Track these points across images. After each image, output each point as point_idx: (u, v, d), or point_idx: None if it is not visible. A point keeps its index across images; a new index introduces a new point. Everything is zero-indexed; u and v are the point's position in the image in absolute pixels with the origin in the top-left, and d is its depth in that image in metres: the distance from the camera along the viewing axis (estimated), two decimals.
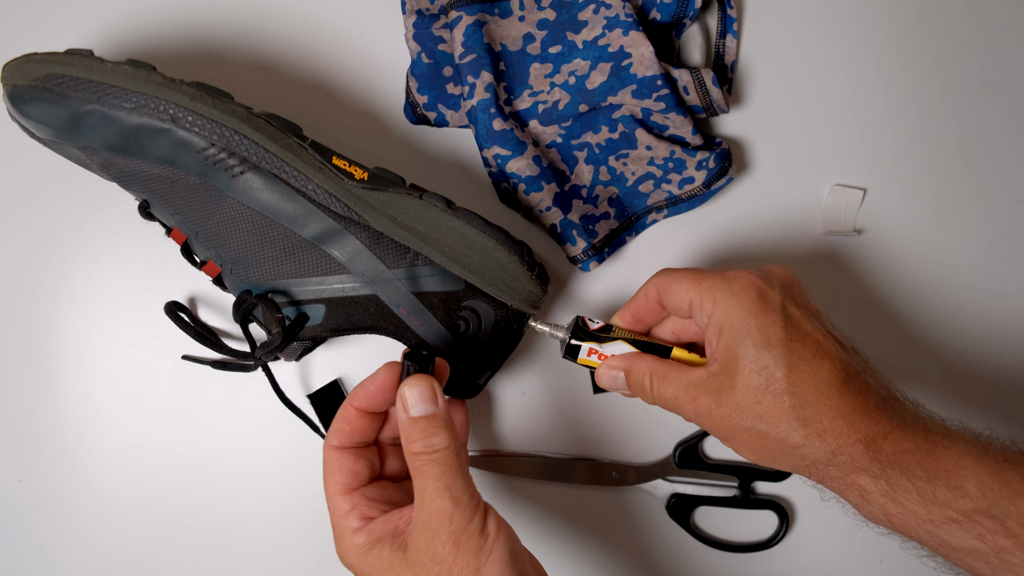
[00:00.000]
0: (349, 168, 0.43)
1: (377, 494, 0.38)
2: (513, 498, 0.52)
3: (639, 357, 0.42)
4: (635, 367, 0.41)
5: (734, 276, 0.39)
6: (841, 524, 0.52)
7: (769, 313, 0.37)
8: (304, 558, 0.52)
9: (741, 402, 0.37)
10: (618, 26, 0.46)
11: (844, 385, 0.37)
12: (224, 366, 0.49)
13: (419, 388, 0.37)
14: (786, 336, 0.37)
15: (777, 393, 0.37)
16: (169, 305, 0.47)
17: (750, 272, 0.39)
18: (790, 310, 0.38)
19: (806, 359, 0.37)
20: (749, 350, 0.37)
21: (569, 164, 0.49)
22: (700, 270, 0.40)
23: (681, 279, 0.40)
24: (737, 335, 0.37)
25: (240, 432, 0.51)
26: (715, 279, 0.39)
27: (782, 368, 0.37)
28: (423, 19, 0.48)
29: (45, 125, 0.42)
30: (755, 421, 0.37)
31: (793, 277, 0.41)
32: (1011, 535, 0.34)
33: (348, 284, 0.43)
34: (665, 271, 0.42)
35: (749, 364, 0.37)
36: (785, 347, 0.37)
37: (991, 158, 0.53)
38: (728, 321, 0.38)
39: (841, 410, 0.36)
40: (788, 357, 0.37)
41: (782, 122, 0.52)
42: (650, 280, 0.42)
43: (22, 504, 0.51)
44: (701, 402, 0.38)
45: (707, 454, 0.52)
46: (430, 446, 0.35)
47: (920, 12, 0.52)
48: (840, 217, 0.52)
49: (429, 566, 0.34)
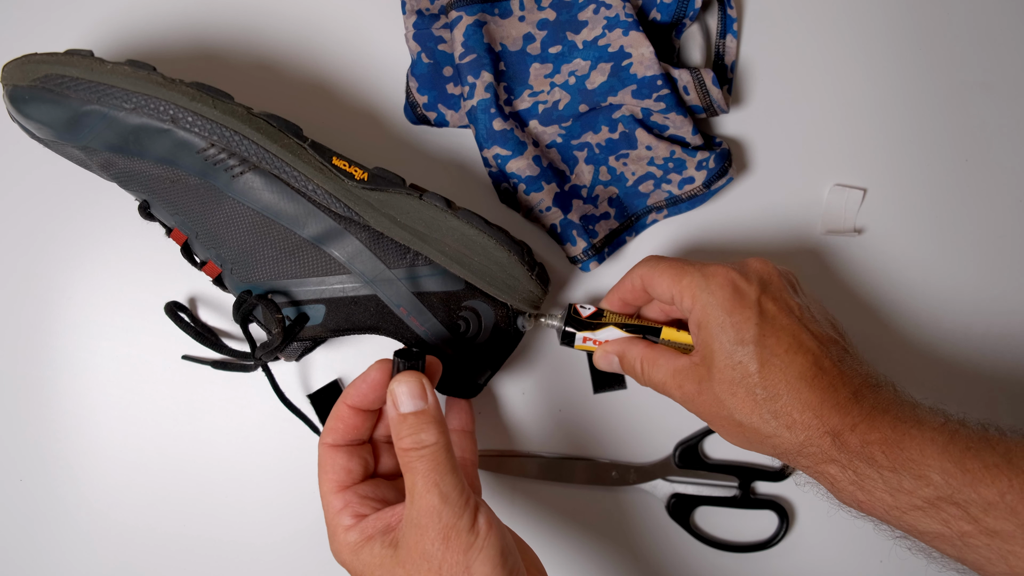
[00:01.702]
0: (349, 168, 0.43)
1: (370, 492, 0.39)
2: (513, 498, 0.52)
3: (632, 342, 0.44)
4: (628, 352, 0.44)
5: (712, 273, 0.40)
6: (841, 524, 0.52)
7: (744, 310, 0.39)
8: (304, 558, 0.52)
9: (719, 393, 0.39)
10: (618, 26, 0.46)
11: (815, 379, 0.38)
12: (224, 366, 0.49)
13: (408, 384, 0.37)
14: (759, 332, 0.39)
15: (750, 387, 0.39)
16: (169, 305, 0.47)
17: (728, 267, 0.41)
18: (766, 306, 0.40)
19: (778, 354, 0.39)
20: (724, 346, 0.39)
21: (569, 164, 0.49)
22: (681, 264, 0.42)
23: (663, 273, 0.42)
24: (713, 332, 0.39)
25: (240, 432, 0.51)
26: (693, 276, 0.40)
27: (755, 363, 0.38)
28: (423, 19, 0.48)
29: (45, 125, 0.42)
30: (731, 411, 0.39)
31: (772, 271, 0.42)
32: (973, 520, 0.35)
33: (348, 284, 0.43)
34: (649, 260, 0.43)
35: (724, 359, 0.39)
36: (758, 343, 0.39)
37: (991, 158, 0.53)
38: (705, 318, 0.40)
39: (810, 403, 0.38)
40: (761, 353, 0.38)
41: (782, 122, 0.52)
42: (635, 268, 0.44)
43: (22, 504, 0.51)
44: (685, 389, 0.41)
45: (707, 454, 0.52)
46: (419, 442, 0.36)
47: (920, 12, 0.52)
48: (840, 217, 0.52)
49: (419, 563, 0.34)
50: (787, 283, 0.42)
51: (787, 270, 0.44)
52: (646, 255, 0.44)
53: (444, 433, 0.36)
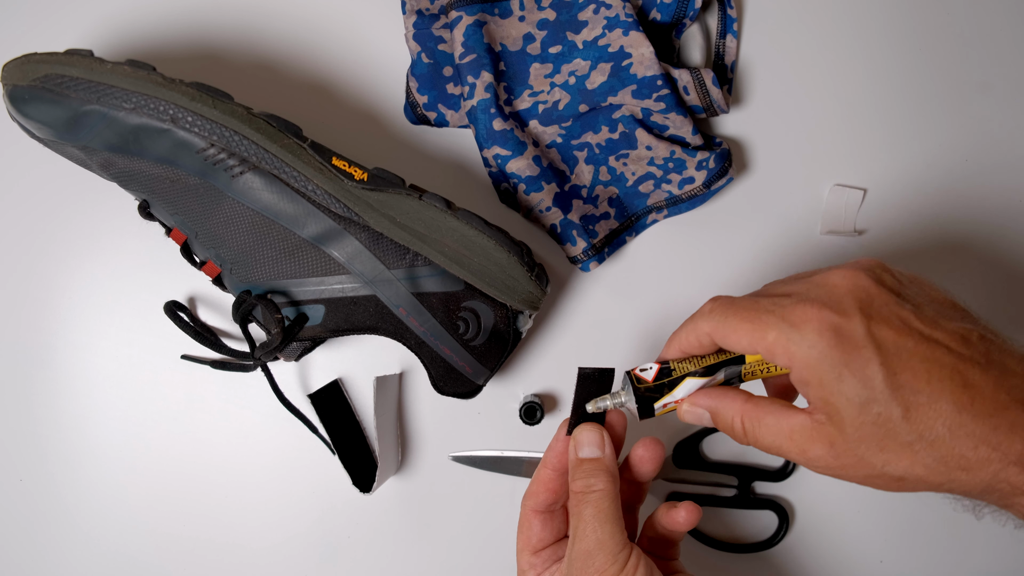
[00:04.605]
0: (349, 168, 0.43)
1: (555, 554, 0.40)
2: (513, 498, 0.52)
3: (724, 396, 0.36)
4: (722, 409, 0.36)
5: (799, 320, 0.33)
6: (841, 524, 0.52)
7: (859, 352, 0.32)
8: (304, 557, 0.52)
9: (863, 454, 0.32)
10: (618, 26, 0.46)
11: (973, 403, 0.31)
12: (224, 366, 0.49)
13: (590, 434, 0.38)
14: (887, 373, 0.31)
15: (900, 438, 0.32)
16: (169, 305, 0.47)
17: (815, 305, 0.33)
18: (880, 335, 0.32)
19: (920, 390, 0.31)
20: (853, 402, 0.32)
21: (569, 164, 0.49)
22: (755, 313, 0.34)
23: (737, 330, 0.34)
24: (831, 388, 0.32)
25: (239, 432, 0.51)
26: (779, 330, 0.33)
27: (897, 409, 0.31)
28: (423, 19, 0.48)
29: (45, 125, 0.42)
30: (884, 468, 0.33)
31: (864, 283, 0.34)
32: None
33: (348, 284, 0.43)
34: (716, 312, 0.35)
35: (857, 415, 0.32)
36: (892, 387, 0.31)
37: (991, 158, 0.53)
38: (814, 376, 0.32)
39: (981, 436, 0.31)
40: (899, 396, 0.31)
41: (782, 122, 0.52)
42: (699, 322, 0.36)
43: (22, 504, 0.51)
44: (813, 453, 0.34)
45: (706, 454, 0.52)
46: (588, 486, 0.37)
47: (920, 12, 0.52)
48: (840, 217, 0.52)
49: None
50: (887, 289, 0.34)
51: (873, 263, 0.35)
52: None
53: (612, 483, 0.37)
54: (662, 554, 0.42)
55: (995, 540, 0.53)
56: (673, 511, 0.40)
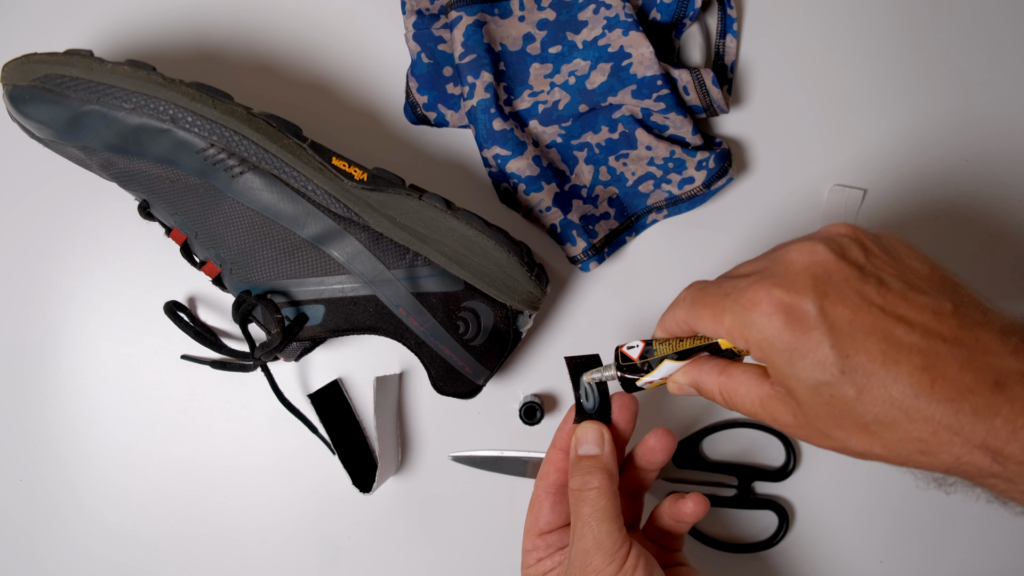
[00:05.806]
0: (348, 169, 0.43)
1: (558, 541, 0.41)
2: (513, 498, 0.52)
3: (703, 371, 0.36)
4: (702, 383, 0.37)
5: (750, 301, 0.32)
6: (841, 524, 0.52)
7: (808, 335, 0.30)
8: (304, 557, 0.52)
9: (823, 428, 0.32)
10: (618, 26, 0.46)
11: (933, 387, 0.29)
12: (224, 366, 0.49)
13: (591, 431, 0.39)
14: (839, 355, 0.30)
15: (856, 420, 0.31)
16: (169, 305, 0.47)
17: (768, 284, 0.32)
18: (834, 313, 0.30)
19: (874, 372, 0.30)
20: (804, 383, 0.31)
21: (569, 164, 0.49)
22: (717, 299, 0.34)
23: (701, 317, 0.35)
24: (784, 371, 0.32)
25: (239, 432, 0.51)
26: (733, 314, 0.33)
27: (851, 390, 0.30)
28: (423, 19, 0.48)
29: (45, 125, 0.42)
30: (845, 443, 0.32)
31: (821, 256, 0.32)
32: None
33: (347, 284, 0.43)
34: (686, 300, 0.36)
35: (810, 396, 0.31)
36: (843, 369, 0.30)
37: (991, 158, 0.53)
38: (766, 358, 0.32)
39: (942, 422, 0.29)
40: (852, 378, 0.30)
41: (782, 122, 0.52)
42: (677, 308, 0.37)
43: (22, 504, 0.51)
44: (782, 420, 0.34)
45: (706, 454, 0.52)
46: (585, 483, 0.37)
47: (920, 12, 0.52)
48: (840, 217, 0.52)
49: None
50: (848, 262, 0.32)
51: (840, 231, 0.33)
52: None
53: (610, 481, 0.37)
54: (666, 545, 0.42)
55: (995, 540, 0.53)
56: (680, 502, 0.40)
